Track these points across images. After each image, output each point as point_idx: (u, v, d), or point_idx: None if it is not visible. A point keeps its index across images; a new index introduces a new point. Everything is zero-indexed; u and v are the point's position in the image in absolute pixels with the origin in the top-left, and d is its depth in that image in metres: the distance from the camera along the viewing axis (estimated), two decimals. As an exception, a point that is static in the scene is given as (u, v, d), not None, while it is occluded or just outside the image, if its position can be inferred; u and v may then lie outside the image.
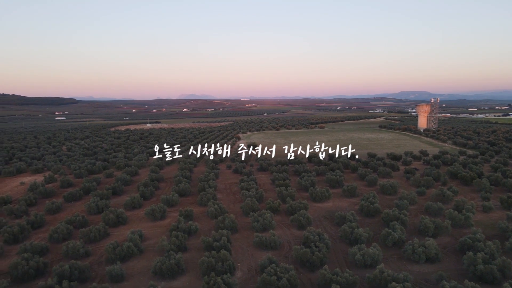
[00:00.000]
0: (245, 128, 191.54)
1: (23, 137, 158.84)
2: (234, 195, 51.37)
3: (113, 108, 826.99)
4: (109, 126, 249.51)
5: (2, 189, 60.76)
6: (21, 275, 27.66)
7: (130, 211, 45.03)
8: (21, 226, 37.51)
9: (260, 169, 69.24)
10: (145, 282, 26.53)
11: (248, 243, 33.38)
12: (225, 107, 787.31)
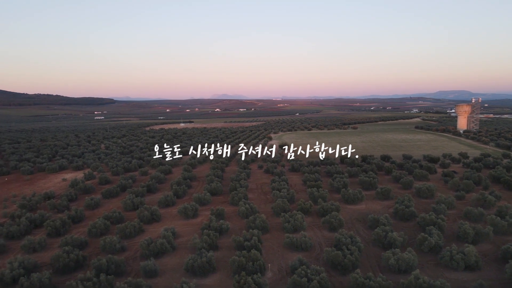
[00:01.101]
0: (277, 128, 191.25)
1: (65, 136, 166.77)
2: (265, 195, 51.43)
3: (148, 108, 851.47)
4: (145, 126, 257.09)
5: (46, 185, 64.17)
6: (62, 267, 29.09)
7: (163, 208, 46.16)
8: (63, 221, 39.45)
9: (292, 169, 68.90)
10: (177, 278, 27.11)
11: (279, 244, 33.31)
12: (257, 107, 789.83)
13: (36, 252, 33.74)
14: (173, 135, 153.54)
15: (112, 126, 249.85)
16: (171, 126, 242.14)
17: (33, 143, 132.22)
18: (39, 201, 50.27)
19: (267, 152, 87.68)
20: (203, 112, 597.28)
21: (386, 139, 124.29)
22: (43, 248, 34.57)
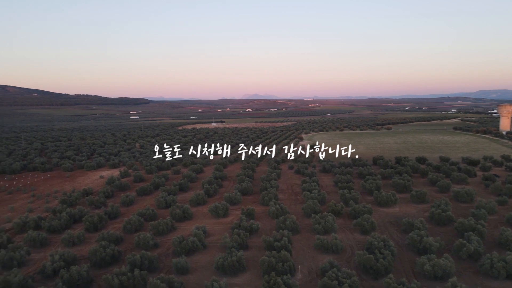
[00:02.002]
0: (308, 128, 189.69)
1: (103, 135, 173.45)
2: (295, 196, 51.14)
3: (181, 108, 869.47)
4: (177, 125, 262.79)
5: (85, 182, 67.04)
6: (99, 260, 30.27)
7: (195, 207, 46.97)
8: (100, 216, 41.06)
9: (323, 170, 68.10)
10: (208, 276, 27.49)
11: (309, 245, 33.01)
12: (288, 107, 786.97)
13: (75, 246, 35.31)
14: (204, 135, 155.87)
15: (146, 126, 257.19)
16: (203, 126, 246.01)
17: (73, 142, 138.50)
18: (78, 197, 52.60)
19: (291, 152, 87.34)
20: (234, 112, 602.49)
21: (421, 140, 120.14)
22: (82, 242, 36.13)
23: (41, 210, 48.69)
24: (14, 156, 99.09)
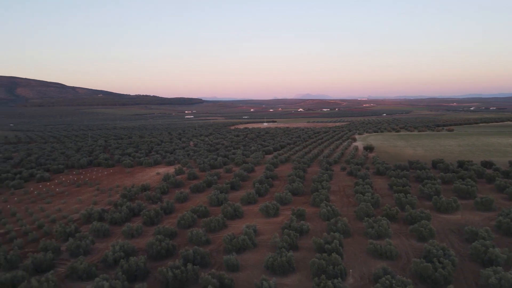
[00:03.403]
0: (362, 129, 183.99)
1: (160, 133, 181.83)
2: (347, 198, 49.86)
3: (233, 108, 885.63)
4: (230, 124, 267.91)
5: (143, 178, 70.75)
6: (155, 253, 31.80)
7: (245, 206, 47.56)
8: (156, 211, 43.11)
9: (377, 172, 65.67)
10: (257, 275, 27.72)
11: (361, 250, 32.01)
12: (341, 107, 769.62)
13: (133, 238, 37.39)
14: (256, 134, 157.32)
15: (200, 125, 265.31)
16: (255, 125, 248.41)
17: (133, 140, 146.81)
18: (137, 192, 55.66)
19: (344, 153, 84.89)
20: (286, 112, 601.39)
21: (488, 143, 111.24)
22: (140, 235, 38.16)
23: (104, 203, 52.22)
24: (82, 152, 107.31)
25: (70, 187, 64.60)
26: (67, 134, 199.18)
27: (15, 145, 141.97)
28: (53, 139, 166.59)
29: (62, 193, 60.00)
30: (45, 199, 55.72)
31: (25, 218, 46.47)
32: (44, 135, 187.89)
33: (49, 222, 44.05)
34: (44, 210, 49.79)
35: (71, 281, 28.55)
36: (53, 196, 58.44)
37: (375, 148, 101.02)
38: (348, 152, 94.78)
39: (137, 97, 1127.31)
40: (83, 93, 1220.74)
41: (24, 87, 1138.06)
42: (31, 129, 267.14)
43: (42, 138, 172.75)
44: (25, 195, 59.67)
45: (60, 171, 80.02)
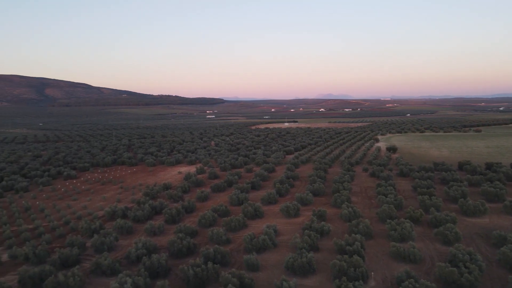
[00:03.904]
0: (385, 129, 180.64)
1: (181, 133, 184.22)
2: (369, 199, 49.07)
3: (254, 108, 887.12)
4: (251, 124, 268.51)
5: (165, 176, 71.87)
6: (176, 251, 32.24)
7: (266, 205, 47.54)
8: (178, 210, 43.70)
9: (400, 174, 64.32)
10: (277, 275, 27.66)
11: (383, 252, 31.43)
12: (363, 107, 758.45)
13: (155, 236, 38.03)
14: (277, 134, 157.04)
15: (221, 125, 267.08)
16: (276, 125, 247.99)
17: (156, 139, 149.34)
18: (159, 190, 56.61)
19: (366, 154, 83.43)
20: (307, 112, 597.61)
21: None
22: (162, 233, 38.78)
23: (128, 201, 53.37)
24: (107, 151, 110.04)
25: (95, 185, 66.37)
26: (92, 133, 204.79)
27: (44, 144, 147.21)
28: (79, 138, 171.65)
29: (87, 191, 61.73)
30: (72, 196, 57.48)
31: (53, 214, 48.08)
32: (71, 134, 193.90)
33: (75, 218, 45.44)
34: (71, 206, 51.39)
35: (95, 276, 29.31)
36: (79, 193, 60.22)
37: (399, 149, 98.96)
38: (370, 153, 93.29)
39: (160, 97, 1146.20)
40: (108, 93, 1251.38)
41: (53, 88, 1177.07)
42: (59, 128, 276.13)
43: (69, 137, 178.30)
44: (53, 192, 61.73)
45: (86, 169, 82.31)
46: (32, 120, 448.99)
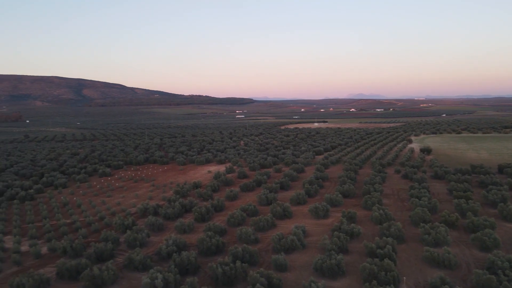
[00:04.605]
0: (418, 130, 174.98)
1: (211, 132, 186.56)
2: (402, 202, 47.71)
3: (284, 108, 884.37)
4: (280, 124, 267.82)
5: (195, 175, 73.03)
6: (205, 249, 32.69)
7: (295, 206, 47.27)
8: (207, 208, 44.30)
9: (435, 176, 62.09)
10: (305, 276, 27.43)
11: (416, 257, 30.46)
12: (396, 107, 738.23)
13: (185, 233, 38.73)
14: (306, 134, 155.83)
15: (251, 124, 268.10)
16: (305, 126, 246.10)
17: (186, 138, 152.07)
18: (189, 189, 57.60)
19: (398, 155, 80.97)
20: (337, 112, 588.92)
21: None
22: (191, 231, 39.44)
23: (159, 198, 54.68)
24: (139, 150, 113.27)
25: (128, 183, 68.47)
26: (126, 132, 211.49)
27: (81, 142, 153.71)
28: (114, 137, 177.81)
29: (121, 188, 63.80)
30: (106, 193, 59.61)
31: (89, 210, 50.08)
32: (106, 133, 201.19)
33: (109, 214, 47.09)
34: (105, 203, 53.30)
35: (128, 271, 30.24)
36: (113, 190, 62.35)
37: (433, 151, 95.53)
38: (403, 154, 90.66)
39: (191, 97, 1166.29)
40: (141, 94, 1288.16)
41: (90, 88, 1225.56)
42: (95, 127, 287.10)
43: (104, 136, 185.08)
44: (89, 188, 64.27)
45: (119, 167, 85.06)
46: (71, 119, 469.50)
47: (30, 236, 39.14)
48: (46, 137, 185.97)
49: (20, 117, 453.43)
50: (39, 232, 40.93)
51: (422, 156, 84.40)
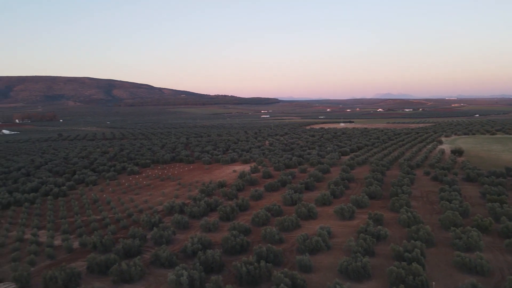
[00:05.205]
0: (449, 131, 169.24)
1: (237, 132, 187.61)
2: (431, 204, 46.29)
3: (309, 108, 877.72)
4: (305, 124, 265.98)
5: (220, 174, 73.67)
6: (229, 248, 32.92)
7: (320, 207, 46.80)
8: (232, 207, 44.59)
9: (467, 178, 59.87)
10: (330, 278, 27.11)
11: (446, 262, 29.47)
12: (425, 107, 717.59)
13: (210, 232, 39.15)
14: (332, 135, 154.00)
15: (276, 124, 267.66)
16: (331, 126, 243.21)
17: (212, 138, 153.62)
18: (214, 188, 58.17)
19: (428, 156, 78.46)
20: (364, 112, 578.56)
21: None
22: (216, 229, 39.82)
23: (185, 197, 55.54)
24: (166, 149, 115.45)
25: (155, 181, 69.93)
26: (153, 131, 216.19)
27: (110, 141, 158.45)
28: (141, 136, 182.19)
29: (148, 186, 65.26)
30: (134, 191, 61.15)
31: (118, 206, 51.51)
32: (134, 132, 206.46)
33: (137, 211, 48.28)
34: (133, 200, 54.69)
35: (154, 267, 30.90)
36: (141, 188, 63.87)
37: (465, 152, 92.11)
38: (433, 155, 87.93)
39: (216, 97, 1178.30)
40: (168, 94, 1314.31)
41: (119, 89, 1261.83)
42: (124, 126, 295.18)
43: (133, 135, 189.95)
44: (118, 186, 66.12)
45: (147, 166, 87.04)
46: (101, 119, 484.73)
47: (63, 231, 40.72)
48: (78, 135, 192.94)
49: (54, 117, 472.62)
50: (71, 227, 42.53)
51: (453, 157, 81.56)
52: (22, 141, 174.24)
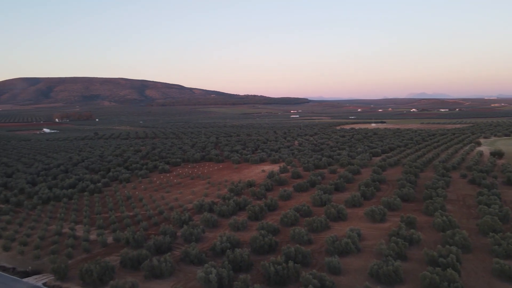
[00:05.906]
0: (488, 132, 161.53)
1: (266, 132, 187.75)
2: (468, 209, 44.38)
3: (340, 108, 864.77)
4: (335, 125, 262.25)
5: (249, 174, 73.99)
6: (258, 247, 33.00)
7: (350, 208, 45.99)
8: (260, 207, 44.67)
9: (507, 182, 56.90)
10: (360, 281, 26.58)
11: (484, 269, 28.16)
12: (463, 107, 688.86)
13: (239, 231, 39.40)
14: (363, 135, 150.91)
15: (305, 124, 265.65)
16: (362, 126, 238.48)
17: (241, 137, 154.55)
18: (243, 187, 58.51)
19: (465, 158, 75.03)
20: (396, 112, 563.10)
21: None
22: (244, 228, 40.03)
23: (214, 196, 56.21)
24: (196, 148, 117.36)
25: (186, 179, 71.23)
26: (184, 131, 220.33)
27: (143, 140, 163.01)
28: (172, 135, 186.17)
29: (179, 184, 66.58)
30: (165, 189, 62.58)
31: (149, 204, 52.92)
32: (165, 132, 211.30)
33: (168, 209, 49.38)
34: (164, 198, 55.99)
35: (184, 264, 31.50)
36: (172, 186, 65.26)
37: (506, 154, 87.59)
38: (470, 157, 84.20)
39: (246, 97, 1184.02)
40: (198, 94, 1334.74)
41: (151, 89, 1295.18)
42: (156, 126, 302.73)
43: (164, 134, 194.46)
44: (150, 184, 67.89)
45: (177, 164, 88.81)
46: (134, 118, 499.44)
47: (98, 226, 42.34)
48: (112, 134, 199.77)
49: (91, 116, 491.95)
50: (106, 222, 44.11)
51: (493, 160, 77.72)
52: (61, 139, 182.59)
